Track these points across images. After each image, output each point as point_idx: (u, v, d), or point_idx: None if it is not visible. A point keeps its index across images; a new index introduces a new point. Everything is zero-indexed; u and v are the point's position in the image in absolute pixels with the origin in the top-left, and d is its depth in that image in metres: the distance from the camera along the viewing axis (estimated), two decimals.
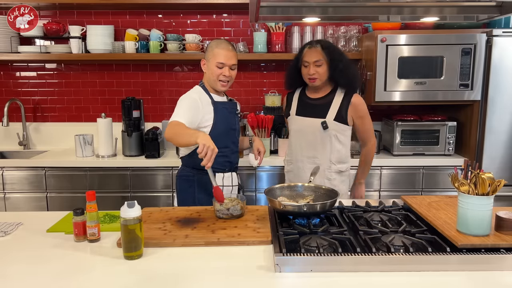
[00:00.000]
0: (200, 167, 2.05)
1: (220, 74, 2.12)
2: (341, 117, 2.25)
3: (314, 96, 2.33)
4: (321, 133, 2.25)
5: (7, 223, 1.72)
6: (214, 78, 2.13)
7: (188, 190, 2.21)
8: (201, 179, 2.17)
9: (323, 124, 2.23)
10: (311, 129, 2.28)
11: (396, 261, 1.31)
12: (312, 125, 2.27)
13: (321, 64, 2.21)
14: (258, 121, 2.97)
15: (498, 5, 1.62)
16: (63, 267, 1.36)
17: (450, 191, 2.94)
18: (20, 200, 2.96)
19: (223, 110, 2.18)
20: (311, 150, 2.30)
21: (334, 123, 2.24)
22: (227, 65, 2.11)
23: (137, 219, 1.39)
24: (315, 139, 2.28)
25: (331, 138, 2.26)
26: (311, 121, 2.28)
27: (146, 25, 3.34)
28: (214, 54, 2.12)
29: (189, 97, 2.12)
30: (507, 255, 1.32)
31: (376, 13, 1.74)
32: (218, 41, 2.18)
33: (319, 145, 2.28)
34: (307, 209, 1.62)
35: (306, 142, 2.31)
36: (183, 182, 2.23)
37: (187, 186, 2.22)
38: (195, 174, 2.19)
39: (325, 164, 2.29)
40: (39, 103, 3.48)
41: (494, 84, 2.85)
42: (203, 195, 2.18)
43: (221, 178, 2.21)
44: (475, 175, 1.38)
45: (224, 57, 2.10)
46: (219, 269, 1.33)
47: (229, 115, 2.21)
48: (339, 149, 2.29)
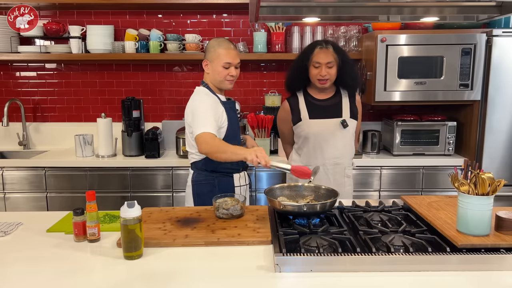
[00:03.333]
0: (220, 169, 2.10)
1: (228, 75, 2.10)
2: (354, 114, 2.32)
3: (322, 97, 2.32)
4: (341, 132, 2.27)
5: (7, 223, 1.72)
6: (221, 79, 2.11)
7: (209, 195, 2.04)
8: (223, 182, 2.15)
9: (343, 123, 2.24)
10: (330, 130, 2.26)
11: (396, 261, 1.31)
12: (330, 126, 2.27)
13: (332, 66, 2.21)
14: (258, 121, 2.97)
15: (498, 5, 1.62)
16: (63, 267, 1.36)
17: (450, 191, 2.94)
18: (20, 200, 2.96)
19: (229, 109, 2.16)
20: (332, 151, 2.28)
21: (351, 120, 2.29)
22: (233, 65, 2.10)
23: (137, 219, 1.39)
24: (335, 139, 2.27)
25: (350, 136, 2.31)
26: (329, 122, 2.27)
27: (146, 25, 3.34)
28: (218, 54, 2.09)
29: (205, 100, 2.07)
30: (507, 255, 1.32)
31: (376, 13, 1.74)
32: (219, 41, 2.15)
33: (340, 144, 2.28)
34: (307, 209, 1.62)
35: (327, 144, 2.27)
36: (203, 187, 2.16)
37: (207, 190, 2.14)
38: (215, 178, 2.15)
39: (346, 162, 2.32)
40: (39, 103, 3.48)
41: (494, 84, 2.85)
42: None
43: (237, 179, 2.19)
44: (475, 175, 1.38)
45: (230, 57, 2.08)
46: (219, 269, 1.33)
47: (233, 114, 2.20)
48: (353, 145, 2.36)
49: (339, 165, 2.30)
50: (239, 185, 2.19)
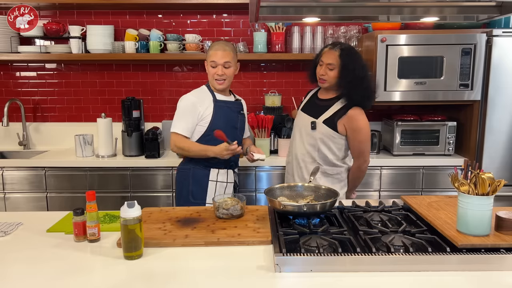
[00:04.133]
0: (197, 161, 2.30)
1: (215, 74, 2.25)
2: (332, 122, 2.21)
3: (321, 97, 2.33)
4: (309, 132, 2.27)
5: (7, 223, 1.72)
6: (210, 78, 2.29)
7: (184, 183, 2.34)
8: (197, 173, 2.32)
9: (312, 124, 2.25)
10: (303, 126, 2.30)
11: (396, 261, 1.31)
12: (305, 122, 2.29)
13: (333, 68, 2.19)
14: (258, 121, 2.97)
15: (498, 5, 1.62)
16: (63, 267, 1.36)
17: (450, 191, 2.94)
18: (20, 200, 2.96)
19: (224, 108, 2.29)
20: (299, 146, 2.32)
21: (322, 125, 2.23)
22: (219, 64, 2.23)
23: (137, 219, 1.39)
24: (305, 136, 2.29)
25: (317, 141, 2.25)
26: (306, 118, 2.30)
27: (146, 25, 3.34)
28: (209, 55, 2.27)
29: (186, 100, 2.29)
30: (507, 255, 1.32)
31: (376, 13, 1.74)
32: (215, 42, 2.34)
33: (307, 142, 2.28)
34: (307, 209, 1.62)
35: (299, 137, 2.33)
36: (181, 176, 2.37)
37: (183, 179, 2.35)
38: (192, 168, 2.33)
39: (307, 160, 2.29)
40: (39, 103, 3.48)
41: (494, 84, 2.85)
42: (198, 189, 2.31)
43: (215, 174, 2.32)
44: (475, 175, 1.38)
45: (216, 57, 2.24)
46: (219, 269, 1.33)
47: (231, 114, 2.32)
48: (325, 153, 2.25)
49: (303, 161, 2.29)
50: (215, 180, 2.31)
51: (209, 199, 2.30)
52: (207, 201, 2.30)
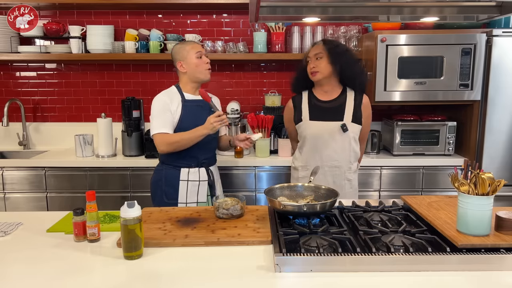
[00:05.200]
0: (168, 162, 2.32)
1: (205, 63, 2.28)
2: (357, 118, 2.25)
3: (325, 99, 2.29)
4: (340, 136, 2.22)
5: (7, 223, 1.72)
6: (200, 70, 2.28)
7: (158, 184, 2.35)
8: (169, 174, 2.32)
9: (343, 127, 2.20)
10: (329, 133, 2.23)
11: (396, 261, 1.31)
12: (330, 129, 2.23)
13: (321, 57, 2.21)
14: (258, 121, 2.97)
15: (498, 5, 1.62)
16: (63, 267, 1.36)
17: (450, 191, 2.94)
18: (20, 200, 2.96)
19: (191, 108, 2.29)
20: (331, 154, 2.25)
21: (352, 124, 2.23)
22: (203, 53, 2.29)
23: (137, 219, 1.39)
24: (334, 142, 2.23)
25: (350, 140, 2.24)
26: (329, 124, 2.23)
27: (146, 25, 3.34)
28: (188, 50, 2.27)
29: (159, 100, 2.28)
30: (507, 255, 1.32)
31: (376, 13, 1.74)
32: (181, 42, 2.39)
33: (339, 148, 2.24)
34: (307, 209, 1.62)
35: (325, 146, 2.25)
36: (155, 176, 2.39)
37: (157, 179, 2.36)
38: (164, 169, 2.33)
39: (345, 166, 2.27)
40: (39, 103, 3.48)
41: (494, 84, 2.85)
42: (170, 189, 2.31)
43: (185, 173, 2.31)
44: (475, 175, 1.38)
45: (198, 47, 2.29)
46: (219, 269, 1.33)
47: (201, 113, 2.29)
48: (356, 149, 2.29)
49: (338, 168, 2.26)
50: (186, 179, 2.30)
51: (181, 198, 2.29)
52: (179, 201, 2.28)
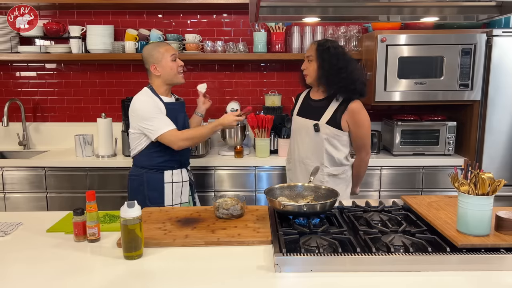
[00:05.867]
0: (149, 166, 2.26)
1: (179, 66, 2.26)
2: (334, 121, 2.20)
3: (315, 98, 2.31)
4: (314, 134, 2.24)
5: (7, 223, 1.72)
6: (174, 73, 2.25)
7: (139, 189, 2.27)
8: (151, 178, 2.26)
9: (315, 126, 2.22)
10: (305, 130, 2.27)
11: (396, 261, 1.31)
12: (306, 126, 2.27)
13: (312, 60, 2.21)
14: (258, 121, 2.97)
15: (498, 5, 1.62)
16: (63, 267, 1.36)
17: (450, 191, 2.94)
18: (20, 200, 2.96)
19: (172, 110, 2.26)
20: (304, 150, 2.30)
21: (326, 126, 2.21)
22: (177, 56, 2.27)
23: (137, 219, 1.39)
24: (309, 140, 2.27)
25: (322, 141, 2.23)
26: (306, 122, 2.27)
27: (146, 25, 3.34)
28: (161, 53, 2.23)
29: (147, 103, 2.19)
30: (507, 255, 1.32)
31: (376, 13, 1.74)
32: (154, 44, 2.31)
33: (311, 146, 2.26)
34: (307, 209, 1.62)
35: (301, 142, 2.31)
36: (134, 182, 2.30)
37: (137, 185, 2.28)
38: (144, 173, 2.26)
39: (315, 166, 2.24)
40: (39, 103, 3.48)
41: (494, 84, 2.85)
42: (154, 193, 2.26)
43: (169, 175, 2.28)
44: (475, 175, 1.38)
45: (173, 50, 2.25)
46: (219, 269, 1.33)
47: (178, 115, 2.29)
48: (332, 153, 2.24)
49: (309, 165, 2.26)
50: (170, 181, 2.28)
51: (167, 201, 2.26)
52: (166, 204, 2.26)
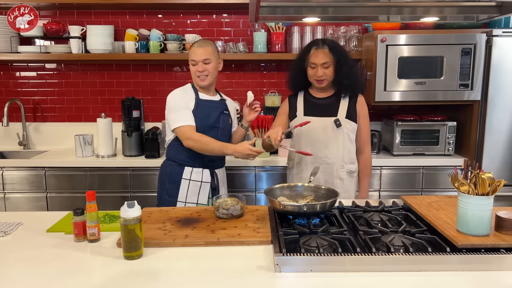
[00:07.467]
0: (174, 158, 2.32)
1: (196, 71, 2.26)
2: (351, 115, 2.25)
3: (320, 96, 2.30)
4: (333, 131, 2.22)
5: (7, 223, 1.72)
6: (194, 76, 2.29)
7: (163, 180, 2.35)
8: (173, 171, 2.31)
9: (336, 122, 2.21)
10: (322, 128, 2.24)
11: (396, 261, 1.31)
12: (323, 124, 2.24)
13: (328, 66, 2.19)
14: (258, 121, 2.97)
15: (498, 5, 1.62)
16: (63, 267, 1.36)
17: (450, 191, 2.94)
18: (20, 200, 2.96)
19: (203, 107, 2.28)
20: (323, 149, 2.24)
21: (346, 120, 2.23)
22: (198, 61, 2.24)
23: (137, 219, 1.39)
24: (327, 138, 2.23)
25: (343, 137, 2.23)
26: (322, 120, 2.24)
27: (146, 25, 3.34)
28: (189, 55, 2.28)
29: (176, 95, 2.29)
30: (507, 255, 1.32)
31: (376, 13, 1.74)
32: (195, 42, 2.34)
33: (332, 144, 2.23)
34: (307, 209, 1.62)
35: (317, 142, 2.25)
36: (161, 172, 2.40)
37: (162, 176, 2.37)
38: (169, 166, 2.34)
39: (337, 163, 2.25)
40: (39, 103, 3.48)
41: (494, 84, 2.85)
42: (173, 186, 2.30)
43: (189, 172, 2.29)
44: (475, 175, 1.38)
45: (195, 55, 2.25)
46: (219, 269, 1.34)
47: (212, 113, 2.30)
48: (350, 148, 2.27)
49: (330, 165, 2.24)
50: (188, 178, 2.29)
51: (181, 197, 2.27)
52: (179, 199, 2.27)
